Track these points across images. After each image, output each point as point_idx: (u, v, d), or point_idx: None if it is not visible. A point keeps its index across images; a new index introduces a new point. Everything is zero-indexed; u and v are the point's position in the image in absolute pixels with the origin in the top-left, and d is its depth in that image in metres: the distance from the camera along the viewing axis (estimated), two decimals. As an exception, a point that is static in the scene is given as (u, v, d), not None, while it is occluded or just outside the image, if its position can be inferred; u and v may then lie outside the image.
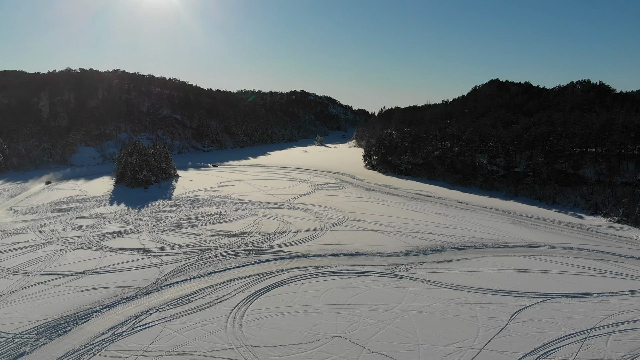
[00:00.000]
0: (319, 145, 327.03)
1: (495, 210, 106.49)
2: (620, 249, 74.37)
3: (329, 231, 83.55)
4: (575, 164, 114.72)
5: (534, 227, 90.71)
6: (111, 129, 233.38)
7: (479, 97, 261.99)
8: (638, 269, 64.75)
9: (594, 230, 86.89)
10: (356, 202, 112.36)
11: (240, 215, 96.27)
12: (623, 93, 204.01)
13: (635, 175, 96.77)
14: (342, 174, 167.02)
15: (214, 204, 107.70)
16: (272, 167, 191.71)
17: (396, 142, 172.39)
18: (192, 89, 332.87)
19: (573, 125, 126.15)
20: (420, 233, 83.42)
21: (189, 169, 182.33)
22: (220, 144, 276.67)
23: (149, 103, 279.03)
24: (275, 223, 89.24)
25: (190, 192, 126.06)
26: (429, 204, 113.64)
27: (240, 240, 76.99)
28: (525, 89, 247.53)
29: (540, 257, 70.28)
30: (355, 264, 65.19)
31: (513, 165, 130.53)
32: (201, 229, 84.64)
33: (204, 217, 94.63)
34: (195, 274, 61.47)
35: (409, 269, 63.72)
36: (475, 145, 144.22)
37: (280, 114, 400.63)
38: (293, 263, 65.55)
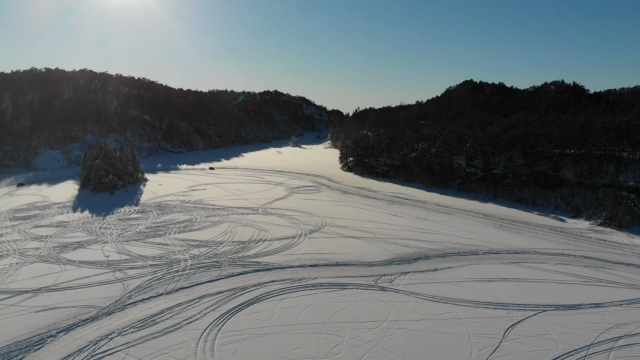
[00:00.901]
0: (294, 146, 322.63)
1: (476, 214, 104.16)
2: (607, 255, 72.39)
3: (307, 239, 79.36)
4: (554, 165, 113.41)
5: (517, 231, 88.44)
6: (77, 131, 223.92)
7: (453, 97, 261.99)
8: (628, 275, 62.60)
9: (578, 235, 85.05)
10: (334, 206, 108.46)
11: (212, 222, 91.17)
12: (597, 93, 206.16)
13: (617, 177, 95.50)
14: (319, 176, 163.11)
15: (183, 210, 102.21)
16: (246, 169, 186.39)
17: (372, 143, 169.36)
18: (162, 88, 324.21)
19: (551, 126, 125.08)
20: (401, 239, 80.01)
21: (158, 171, 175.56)
22: (191, 146, 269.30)
23: (117, 103, 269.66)
24: (250, 230, 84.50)
25: (159, 197, 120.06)
26: (408, 207, 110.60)
27: (212, 251, 72.07)
28: (500, 89, 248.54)
29: (527, 264, 67.62)
30: (336, 275, 61.15)
31: (491, 167, 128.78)
32: (170, 238, 79.34)
33: (172, 224, 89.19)
34: (163, 290, 56.43)
35: (393, 280, 60.06)
36: (452, 147, 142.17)
37: (254, 114, 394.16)
38: (269, 276, 61.08)
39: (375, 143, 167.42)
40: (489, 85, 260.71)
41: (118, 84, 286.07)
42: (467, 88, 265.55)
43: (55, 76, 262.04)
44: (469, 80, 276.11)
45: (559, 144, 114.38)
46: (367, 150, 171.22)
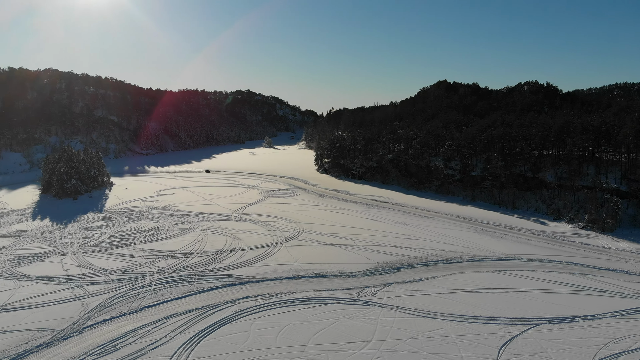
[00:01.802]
0: (268, 147, 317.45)
1: (456, 217, 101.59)
2: (594, 260, 70.27)
3: (283, 247, 74.89)
4: (534, 167, 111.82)
5: (499, 236, 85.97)
6: (40, 132, 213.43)
7: (427, 98, 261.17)
8: (618, 283, 60.32)
9: (562, 239, 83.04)
10: (311, 211, 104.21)
11: (181, 230, 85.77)
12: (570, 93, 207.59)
13: (599, 179, 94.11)
14: (294, 179, 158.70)
15: (151, 217, 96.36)
16: (218, 171, 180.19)
17: (348, 144, 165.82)
18: (131, 88, 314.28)
19: (529, 127, 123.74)
20: (382, 246, 76.38)
21: (126, 175, 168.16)
22: (161, 147, 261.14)
23: (83, 104, 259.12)
24: (222, 239, 79.47)
25: (125, 202, 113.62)
26: (387, 211, 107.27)
27: (181, 263, 66.86)
28: (474, 90, 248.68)
29: (514, 272, 64.80)
30: (316, 289, 56.91)
31: (469, 169, 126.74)
32: (135, 249, 73.74)
33: (138, 233, 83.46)
34: (126, 309, 51.19)
35: (376, 293, 56.21)
36: (429, 148, 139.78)
37: (226, 114, 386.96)
38: (243, 291, 56.40)
39: (351, 144, 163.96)
40: (463, 85, 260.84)
41: (84, 83, 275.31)
42: (441, 88, 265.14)
43: (18, 76, 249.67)
44: (442, 80, 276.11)
45: (538, 145, 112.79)
46: (343, 151, 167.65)
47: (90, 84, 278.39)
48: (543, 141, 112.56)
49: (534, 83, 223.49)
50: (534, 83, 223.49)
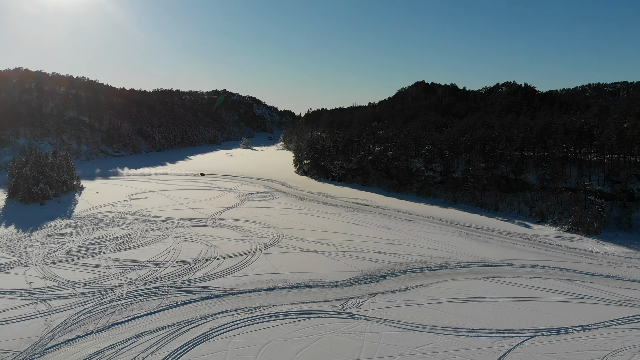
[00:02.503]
0: (245, 148, 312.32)
1: (438, 221, 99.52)
2: (582, 265, 68.68)
3: (263, 255, 71.27)
4: (516, 168, 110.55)
5: (483, 239, 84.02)
6: (8, 134, 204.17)
7: (406, 99, 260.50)
8: (608, 289, 58.58)
9: (547, 242, 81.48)
10: (290, 215, 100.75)
11: (154, 237, 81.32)
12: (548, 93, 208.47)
13: (582, 181, 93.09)
14: (273, 181, 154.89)
15: (122, 223, 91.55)
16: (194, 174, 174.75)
17: (328, 146, 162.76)
18: (103, 88, 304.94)
19: (510, 128, 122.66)
20: (365, 252, 73.50)
21: (97, 178, 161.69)
22: (134, 148, 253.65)
23: (53, 104, 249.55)
24: (197, 247, 75.38)
25: (95, 207, 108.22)
26: (368, 214, 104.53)
27: (153, 274, 62.67)
28: (452, 90, 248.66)
29: (502, 279, 62.63)
30: (297, 301, 53.55)
31: (450, 171, 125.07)
32: (104, 259, 69.21)
33: (108, 241, 78.78)
34: (93, 326, 47.07)
35: (361, 304, 53.20)
36: (410, 150, 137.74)
37: (202, 114, 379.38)
38: (220, 304, 52.67)
39: (331, 145, 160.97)
40: (441, 86, 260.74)
41: (55, 83, 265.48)
42: (419, 89, 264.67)
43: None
44: (421, 81, 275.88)
45: (520, 146, 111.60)
46: (323, 153, 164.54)
47: (61, 84, 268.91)
48: (525, 142, 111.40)
49: (512, 84, 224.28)
50: (512, 84, 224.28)
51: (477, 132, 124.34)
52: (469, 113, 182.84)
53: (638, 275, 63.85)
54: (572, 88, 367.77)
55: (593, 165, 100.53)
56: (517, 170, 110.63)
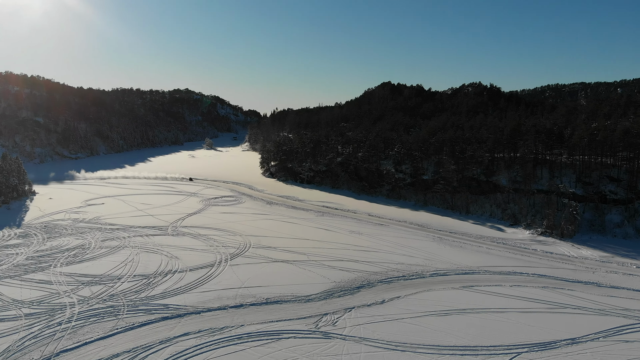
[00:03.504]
0: (209, 148, 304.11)
1: (410, 224, 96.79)
2: (560, 271, 66.75)
3: (228, 267, 66.27)
4: (487, 170, 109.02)
5: (458, 245, 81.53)
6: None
7: (372, 99, 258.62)
8: (591, 297, 56.55)
9: (522, 247, 79.64)
10: (258, 221, 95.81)
11: (110, 248, 75.03)
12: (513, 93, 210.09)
13: (554, 183, 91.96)
14: (238, 184, 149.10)
15: (75, 233, 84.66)
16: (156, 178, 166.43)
17: (296, 147, 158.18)
18: (59, 87, 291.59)
19: (480, 129, 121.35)
20: (338, 261, 69.61)
21: (51, 182, 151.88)
22: (91, 150, 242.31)
23: (5, 104, 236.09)
24: (157, 258, 69.62)
25: (48, 215, 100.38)
26: (339, 219, 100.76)
27: (107, 290, 56.85)
28: (418, 91, 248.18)
29: (481, 288, 59.87)
30: (268, 319, 49.00)
31: (420, 173, 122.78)
32: (55, 273, 62.79)
33: (60, 253, 72.12)
34: (38, 354, 41.58)
35: (337, 321, 49.15)
36: (379, 151, 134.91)
37: (163, 114, 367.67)
38: (182, 325, 47.55)
39: (299, 147, 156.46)
40: (408, 87, 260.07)
41: (7, 82, 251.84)
42: (386, 90, 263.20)
43: None
44: (387, 82, 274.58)
45: (491, 147, 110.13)
46: (291, 154, 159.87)
47: (14, 83, 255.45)
48: (495, 144, 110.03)
49: (477, 84, 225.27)
50: (477, 84, 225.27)
51: (446, 133, 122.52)
52: (436, 114, 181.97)
53: (618, 281, 62.30)
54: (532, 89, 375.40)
55: (564, 167, 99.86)
56: (488, 172, 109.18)
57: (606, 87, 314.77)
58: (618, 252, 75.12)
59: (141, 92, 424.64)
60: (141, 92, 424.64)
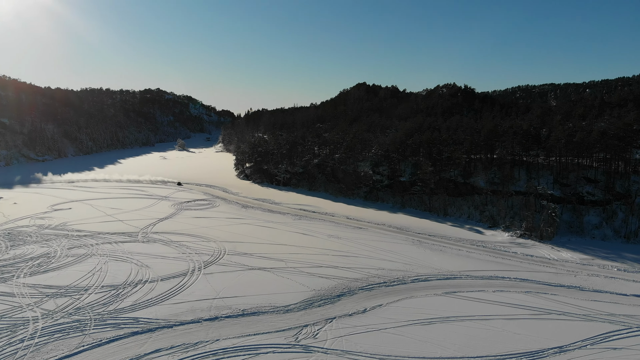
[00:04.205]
0: (181, 150, 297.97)
1: (389, 227, 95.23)
2: (542, 275, 65.97)
3: (202, 275, 63.19)
4: (464, 172, 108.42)
5: (438, 248, 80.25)
6: None
7: (348, 100, 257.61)
8: (575, 302, 55.71)
9: (502, 250, 78.81)
10: (233, 226, 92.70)
11: (76, 256, 70.99)
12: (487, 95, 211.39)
13: (533, 184, 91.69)
14: (212, 187, 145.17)
15: (41, 240, 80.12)
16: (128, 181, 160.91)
17: (272, 148, 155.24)
18: (26, 87, 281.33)
19: (456, 131, 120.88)
20: (317, 267, 67.37)
21: (16, 186, 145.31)
22: (59, 152, 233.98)
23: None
24: (126, 267, 66.02)
25: (11, 221, 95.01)
26: (317, 222, 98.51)
27: (74, 303, 53.23)
28: (393, 92, 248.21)
29: (464, 294, 58.44)
30: (245, 333, 46.35)
31: (398, 174, 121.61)
32: (17, 284, 58.68)
33: (23, 262, 67.74)
34: (-6, 378, 37.91)
35: (318, 333, 46.87)
36: (356, 153, 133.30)
37: (133, 114, 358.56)
38: (153, 341, 44.54)
39: (275, 148, 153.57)
40: (383, 88, 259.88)
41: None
42: (361, 90, 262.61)
43: None
44: (362, 82, 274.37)
45: (468, 149, 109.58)
46: (266, 156, 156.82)
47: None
48: (473, 145, 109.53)
49: (452, 85, 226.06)
50: (452, 85, 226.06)
51: (423, 135, 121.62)
52: (412, 115, 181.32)
53: (600, 285, 61.77)
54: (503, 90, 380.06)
55: (541, 168, 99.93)
56: (466, 174, 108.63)
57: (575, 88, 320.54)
58: (598, 255, 74.99)
59: (111, 92, 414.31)
60: (111, 92, 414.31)
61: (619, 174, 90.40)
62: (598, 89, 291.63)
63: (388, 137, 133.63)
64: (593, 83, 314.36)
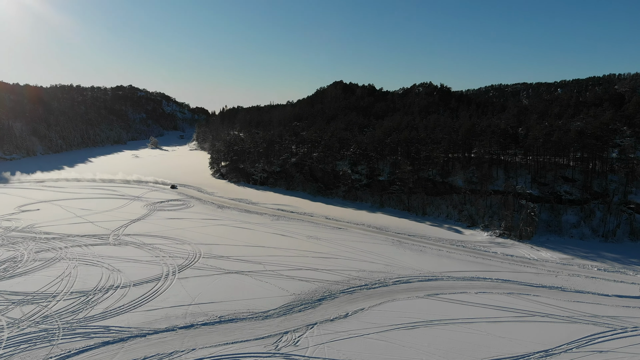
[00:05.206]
0: (154, 148, 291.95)
1: (369, 228, 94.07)
2: (523, 275, 65.61)
3: (176, 280, 60.73)
4: (442, 171, 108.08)
5: (418, 249, 79.39)
6: None
7: (325, 98, 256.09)
8: (557, 303, 55.35)
9: (482, 250, 78.39)
10: (208, 227, 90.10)
11: (44, 260, 67.60)
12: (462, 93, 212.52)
13: (511, 184, 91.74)
14: (186, 186, 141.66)
15: (7, 243, 76.26)
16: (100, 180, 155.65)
17: (248, 147, 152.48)
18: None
19: (434, 130, 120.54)
20: (297, 270, 65.63)
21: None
22: (28, 150, 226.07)
23: None
24: (97, 272, 63.05)
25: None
26: (296, 223, 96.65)
27: (41, 311, 50.28)
28: (370, 91, 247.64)
29: (446, 296, 57.54)
30: (222, 341, 44.33)
31: (377, 174, 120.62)
32: (-24, 293, 55.33)
33: (-16, 268, 64.13)
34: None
35: (298, 340, 45.17)
36: (335, 152, 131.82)
37: (105, 112, 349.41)
38: (125, 351, 42.18)
39: (251, 147, 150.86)
40: (360, 87, 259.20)
41: None
42: (338, 89, 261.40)
43: None
44: (339, 81, 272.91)
45: (446, 148, 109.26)
46: (242, 154, 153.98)
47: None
48: (451, 144, 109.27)
49: (428, 84, 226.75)
50: (428, 84, 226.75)
51: (402, 133, 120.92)
52: (389, 114, 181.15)
53: (581, 285, 61.69)
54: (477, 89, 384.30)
55: (519, 167, 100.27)
56: (444, 173, 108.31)
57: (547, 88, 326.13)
58: (577, 254, 75.18)
59: (82, 88, 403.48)
60: (82, 88, 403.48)
61: (596, 173, 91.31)
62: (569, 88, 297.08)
63: (366, 136, 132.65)
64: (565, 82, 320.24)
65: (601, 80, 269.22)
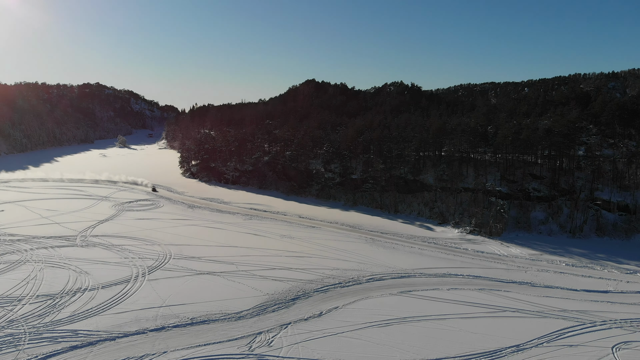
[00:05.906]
0: (122, 147, 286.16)
1: (342, 226, 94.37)
2: (494, 271, 66.88)
3: (146, 282, 59.44)
4: (414, 169, 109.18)
5: (390, 246, 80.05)
6: None
7: (297, 96, 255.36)
8: (527, 298, 56.59)
9: (453, 246, 79.59)
10: (179, 228, 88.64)
11: (8, 263, 65.14)
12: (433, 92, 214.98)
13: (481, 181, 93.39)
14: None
15: (-35, 246, 73.24)
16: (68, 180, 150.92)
17: (219, 145, 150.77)
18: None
19: (405, 128, 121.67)
20: (270, 270, 65.19)
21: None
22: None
23: None
24: (64, 274, 61.08)
25: None
26: (269, 222, 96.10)
27: (6, 315, 48.40)
28: (342, 89, 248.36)
29: (419, 293, 58.13)
30: (194, 343, 43.56)
31: (349, 172, 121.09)
32: None
33: (-57, 272, 61.40)
34: None
35: (272, 340, 44.79)
36: (308, 150, 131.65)
37: (71, 110, 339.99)
38: (94, 356, 40.99)
39: (223, 145, 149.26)
40: (332, 85, 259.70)
41: None
42: (310, 87, 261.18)
43: None
44: (311, 79, 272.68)
45: (417, 147, 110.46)
46: (214, 153, 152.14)
47: None
48: (422, 143, 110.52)
49: (399, 83, 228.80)
50: (399, 83, 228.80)
51: (374, 132, 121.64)
52: (361, 112, 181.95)
53: (551, 280, 63.23)
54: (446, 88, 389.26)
55: (488, 165, 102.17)
56: (415, 171, 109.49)
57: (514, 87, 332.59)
58: (546, 250, 77.06)
59: (47, 86, 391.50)
60: (47, 86, 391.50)
61: (563, 171, 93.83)
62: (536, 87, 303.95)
63: (339, 135, 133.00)
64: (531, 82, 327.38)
65: (567, 80, 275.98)
